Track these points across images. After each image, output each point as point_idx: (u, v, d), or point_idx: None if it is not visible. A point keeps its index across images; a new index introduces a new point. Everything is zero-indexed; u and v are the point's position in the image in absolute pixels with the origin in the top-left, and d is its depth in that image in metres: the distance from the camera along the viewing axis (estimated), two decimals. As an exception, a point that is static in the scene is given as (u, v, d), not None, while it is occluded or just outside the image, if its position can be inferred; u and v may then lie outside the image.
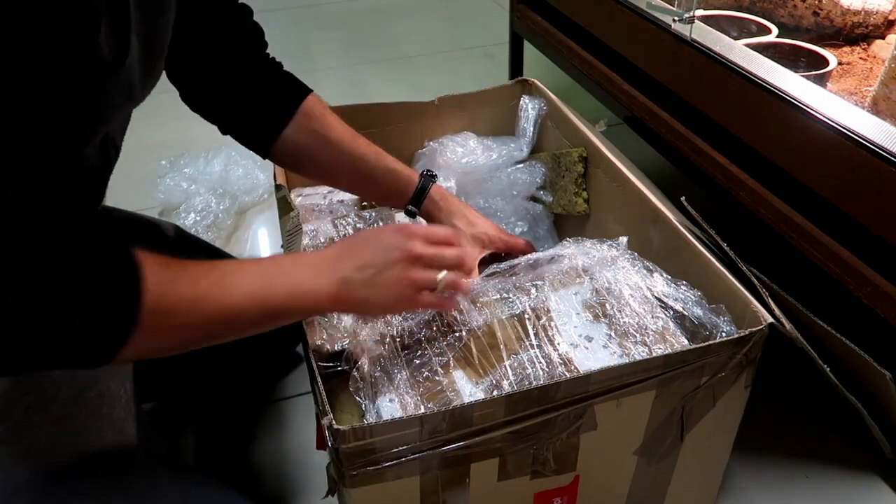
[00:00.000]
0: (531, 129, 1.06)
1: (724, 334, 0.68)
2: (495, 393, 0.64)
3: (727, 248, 0.74)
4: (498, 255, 0.87)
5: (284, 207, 0.79)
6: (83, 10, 0.45)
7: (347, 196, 0.99)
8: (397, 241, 0.63)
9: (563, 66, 1.42)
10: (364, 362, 0.68)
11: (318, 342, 0.72)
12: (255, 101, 0.79)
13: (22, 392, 0.60)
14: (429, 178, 0.86)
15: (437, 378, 0.67)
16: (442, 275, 0.64)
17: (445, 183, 1.02)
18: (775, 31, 1.08)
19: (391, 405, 0.65)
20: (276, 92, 0.80)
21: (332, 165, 0.82)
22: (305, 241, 0.87)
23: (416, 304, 0.65)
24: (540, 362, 0.67)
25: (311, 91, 0.82)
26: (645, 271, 0.75)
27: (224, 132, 0.81)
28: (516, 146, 1.06)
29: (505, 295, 0.74)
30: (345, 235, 0.91)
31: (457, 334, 0.71)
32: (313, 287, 0.59)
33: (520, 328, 0.70)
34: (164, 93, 0.75)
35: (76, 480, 0.60)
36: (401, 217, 0.94)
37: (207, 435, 0.99)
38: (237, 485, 0.82)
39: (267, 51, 0.81)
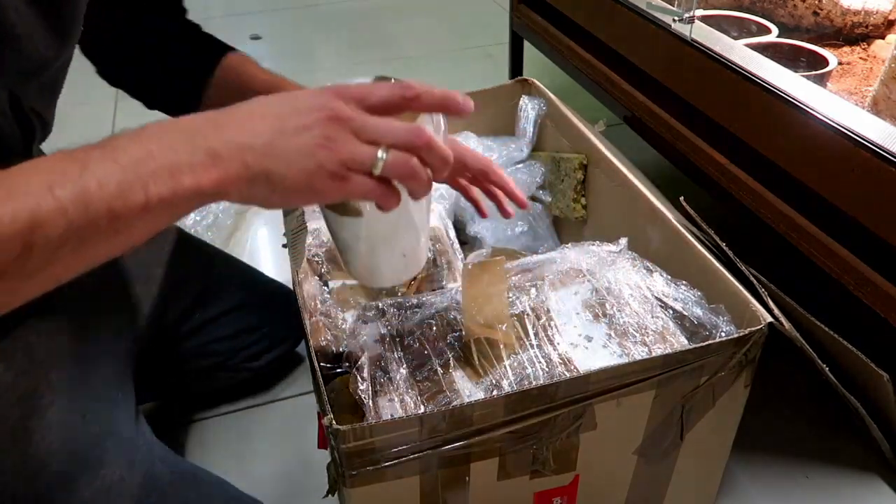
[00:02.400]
0: (531, 128, 1.06)
1: (723, 334, 0.68)
2: (495, 393, 0.64)
3: (726, 248, 0.74)
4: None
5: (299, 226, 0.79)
6: None
7: (347, 196, 0.99)
8: (318, 101, 0.46)
9: (563, 66, 1.42)
10: (364, 362, 0.68)
11: (323, 342, 0.72)
12: (171, 69, 0.75)
13: (17, 397, 0.59)
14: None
15: (436, 378, 0.67)
16: (383, 152, 0.46)
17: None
18: (775, 31, 1.08)
19: (391, 405, 0.65)
20: (193, 56, 0.75)
21: None
22: (309, 240, 0.87)
23: (343, 190, 0.47)
24: (540, 362, 0.67)
25: (231, 49, 0.77)
26: (645, 271, 0.75)
27: (149, 107, 0.78)
28: (516, 146, 1.06)
29: (505, 295, 0.74)
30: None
31: (456, 334, 0.71)
32: (178, 161, 0.43)
33: (519, 328, 0.70)
34: (164, 93, 0.75)
35: (74, 485, 0.60)
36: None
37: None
38: (237, 484, 0.82)
39: (187, 16, 0.78)
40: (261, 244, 1.38)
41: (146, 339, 0.79)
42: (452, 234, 0.95)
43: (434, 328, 0.72)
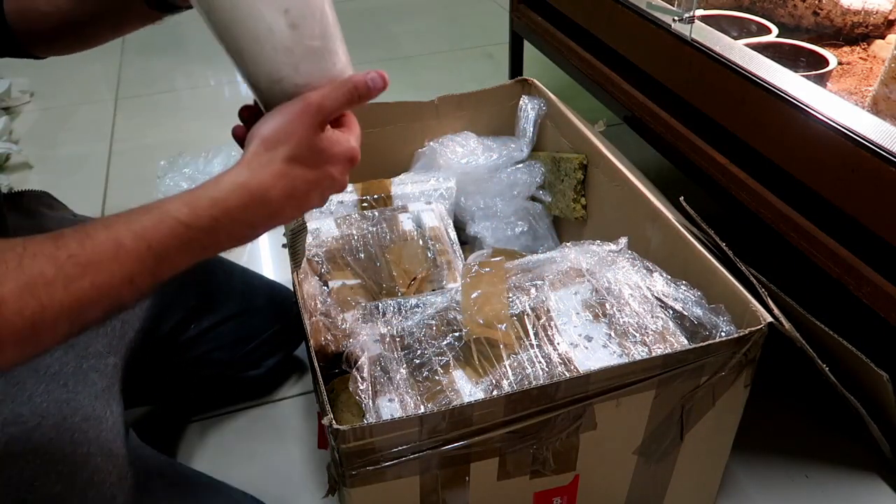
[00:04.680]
0: (531, 129, 1.06)
1: (723, 334, 0.68)
2: (495, 393, 0.64)
3: (726, 248, 0.74)
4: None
5: None
6: None
7: (347, 197, 0.99)
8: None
9: (563, 66, 1.42)
10: (364, 362, 0.68)
11: (323, 342, 0.72)
12: None
13: (2, 423, 0.59)
14: None
15: (436, 378, 0.67)
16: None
17: (445, 183, 1.02)
18: (775, 31, 1.08)
19: (391, 405, 0.65)
20: None
21: (55, 17, 0.70)
22: (309, 240, 0.87)
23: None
24: (539, 362, 0.67)
25: None
26: (645, 271, 0.75)
27: None
28: (516, 146, 1.06)
29: (505, 295, 0.74)
30: (348, 235, 0.90)
31: (457, 334, 0.71)
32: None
33: (519, 328, 0.70)
34: (164, 92, 0.75)
35: None
36: (405, 219, 0.94)
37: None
38: (237, 485, 0.82)
39: None
40: (261, 244, 1.38)
41: (139, 351, 0.78)
42: (453, 234, 0.95)
43: (434, 328, 0.72)
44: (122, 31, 0.75)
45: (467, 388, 0.66)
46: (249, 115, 0.55)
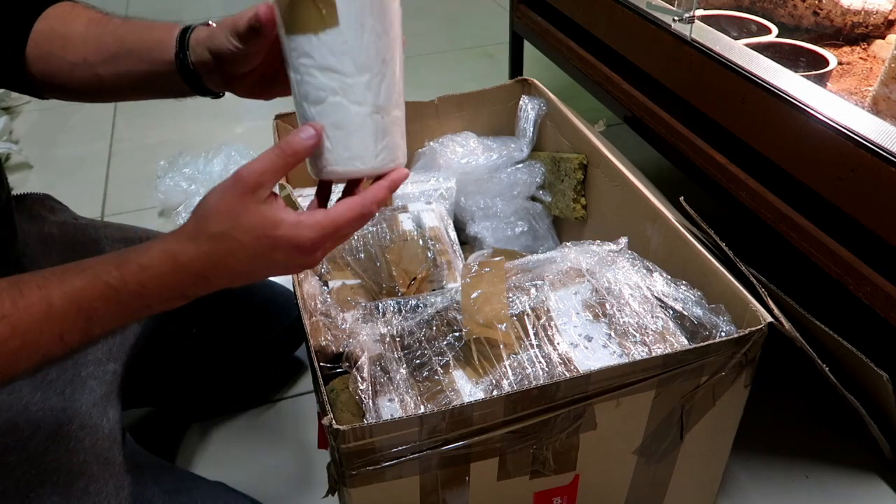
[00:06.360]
0: (531, 129, 1.06)
1: (723, 334, 0.68)
2: (495, 392, 0.64)
3: (726, 248, 0.74)
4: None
5: (289, 206, 0.79)
6: None
7: (347, 196, 0.99)
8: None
9: (563, 66, 1.42)
10: (364, 362, 0.68)
11: (323, 342, 0.72)
12: None
13: None
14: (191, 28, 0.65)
15: (436, 378, 0.67)
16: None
17: (445, 183, 1.02)
18: (775, 31, 1.08)
19: (391, 405, 0.65)
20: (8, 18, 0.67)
21: (88, 71, 0.68)
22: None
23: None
24: (539, 362, 0.67)
25: (52, 2, 0.69)
26: (645, 271, 0.75)
27: None
28: (516, 146, 1.06)
29: (505, 295, 0.74)
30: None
31: (457, 334, 0.71)
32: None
33: (519, 328, 0.70)
34: (164, 93, 0.74)
35: None
36: (405, 219, 0.94)
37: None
38: (238, 485, 0.82)
39: None
40: (261, 244, 1.38)
41: (140, 356, 0.78)
42: (453, 234, 0.95)
43: (434, 328, 0.72)
44: (144, 97, 0.73)
45: (467, 388, 0.66)
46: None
